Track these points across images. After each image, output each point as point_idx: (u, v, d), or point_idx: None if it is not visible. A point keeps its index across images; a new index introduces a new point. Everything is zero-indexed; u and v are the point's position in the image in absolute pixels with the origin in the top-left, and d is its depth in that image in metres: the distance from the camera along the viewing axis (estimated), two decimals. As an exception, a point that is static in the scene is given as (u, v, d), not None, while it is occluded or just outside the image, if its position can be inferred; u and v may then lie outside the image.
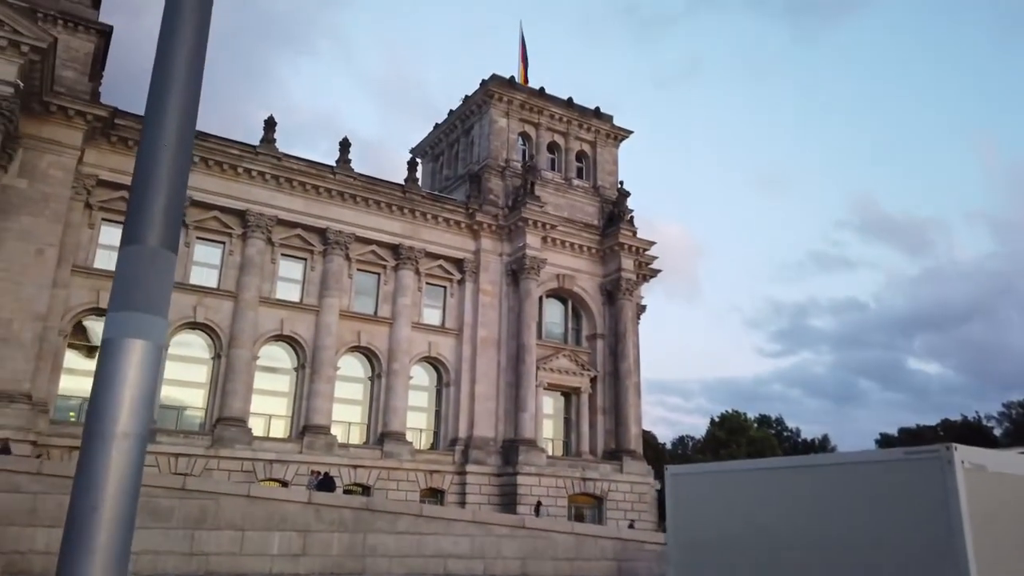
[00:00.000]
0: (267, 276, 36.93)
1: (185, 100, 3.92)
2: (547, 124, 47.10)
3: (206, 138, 35.66)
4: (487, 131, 45.62)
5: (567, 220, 44.38)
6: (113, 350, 3.33)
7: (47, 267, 30.04)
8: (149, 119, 3.92)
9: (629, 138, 49.91)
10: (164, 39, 3.98)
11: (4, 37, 27.18)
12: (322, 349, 36.79)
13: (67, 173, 31.15)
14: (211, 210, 35.83)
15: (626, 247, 44.29)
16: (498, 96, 45.78)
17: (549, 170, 46.44)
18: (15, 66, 27.67)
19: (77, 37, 32.71)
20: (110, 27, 33.85)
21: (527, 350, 40.64)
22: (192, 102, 3.97)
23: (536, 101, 46.99)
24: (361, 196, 39.22)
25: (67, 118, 31.06)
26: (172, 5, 4.01)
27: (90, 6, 33.83)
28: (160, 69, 3.94)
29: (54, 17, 31.90)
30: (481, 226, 42.23)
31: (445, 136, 51.25)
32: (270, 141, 37.45)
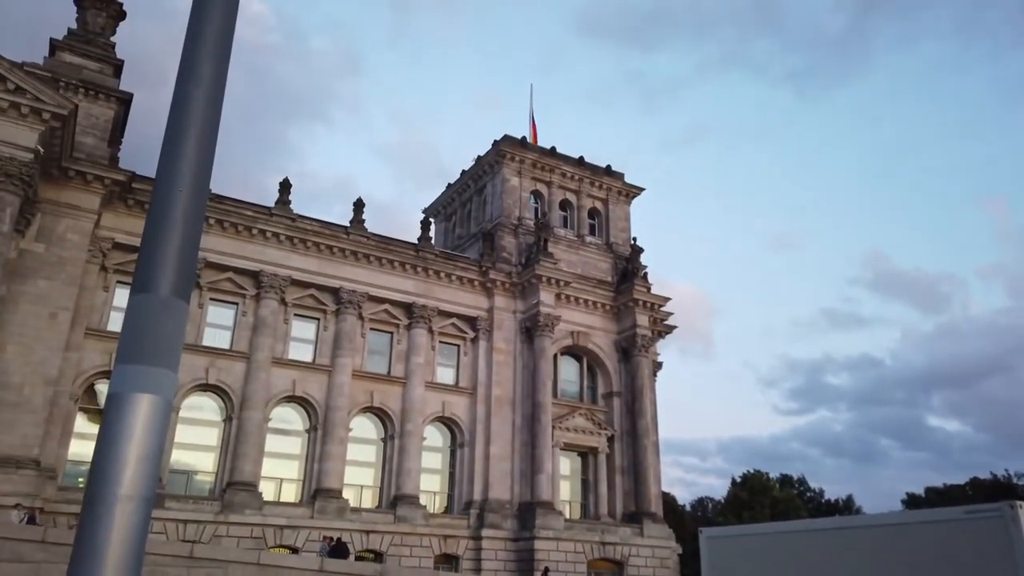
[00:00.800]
0: (280, 336, 36.74)
1: (201, 144, 3.72)
2: (559, 182, 47.42)
3: (222, 200, 36.03)
4: (500, 190, 45.94)
5: (581, 277, 44.21)
6: (119, 405, 3.06)
7: (60, 330, 29.97)
8: (164, 163, 3.71)
9: (640, 196, 50.12)
10: (181, 83, 3.82)
11: (26, 105, 27.76)
12: (334, 410, 36.30)
13: (84, 237, 31.39)
14: (225, 271, 35.92)
15: (640, 303, 43.94)
16: (510, 156, 46.25)
17: (562, 227, 46.53)
18: (36, 133, 28.18)
19: (98, 105, 33.41)
20: (130, 95, 34.61)
21: (543, 409, 39.95)
22: (209, 145, 3.78)
23: (548, 160, 47.43)
24: (375, 255, 39.28)
25: (85, 183, 31.46)
26: (189, 51, 3.87)
27: (112, 75, 34.65)
28: (176, 112, 3.76)
29: (76, 86, 32.65)
30: (495, 284, 42.10)
31: (458, 196, 51.66)
32: (285, 202, 37.77)
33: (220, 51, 3.85)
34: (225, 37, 3.89)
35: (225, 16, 3.90)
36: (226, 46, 3.90)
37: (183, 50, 3.89)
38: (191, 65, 3.79)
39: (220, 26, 3.86)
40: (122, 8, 36.06)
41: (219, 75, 3.82)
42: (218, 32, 3.85)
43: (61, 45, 33.71)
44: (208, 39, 3.82)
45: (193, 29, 3.87)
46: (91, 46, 34.28)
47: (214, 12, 3.87)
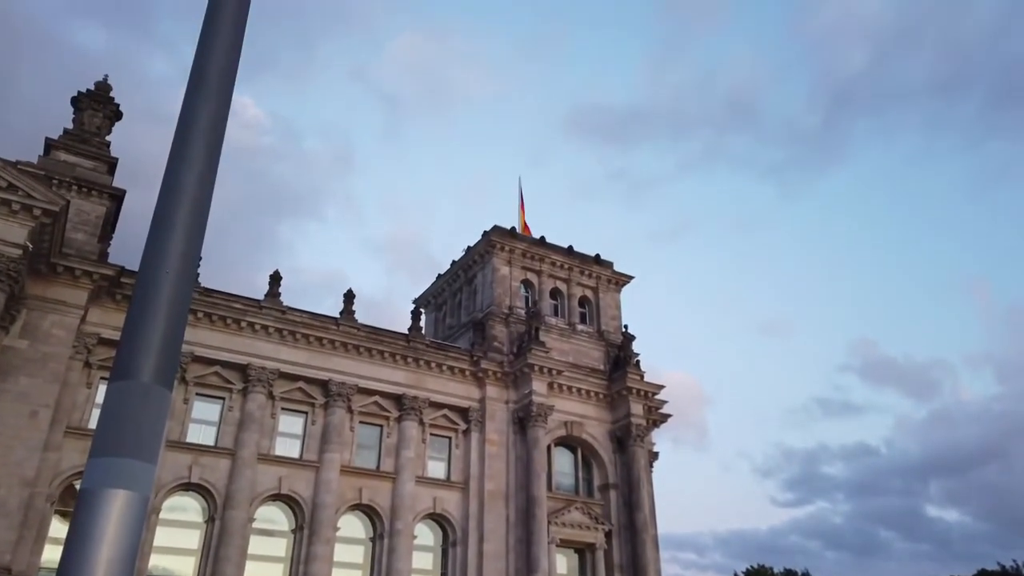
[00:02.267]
0: (267, 432, 35.85)
1: (190, 227, 3.59)
2: (549, 271, 47.72)
3: (210, 294, 35.88)
4: (490, 279, 46.12)
5: (573, 365, 43.84)
6: (91, 502, 2.81)
7: (40, 429, 29.11)
8: (151, 245, 3.56)
9: (629, 284, 50.43)
10: (171, 166, 3.72)
11: (18, 202, 27.91)
12: (321, 508, 35.02)
13: (69, 333, 30.97)
14: (212, 365, 35.37)
15: (634, 391, 43.44)
16: (500, 245, 46.68)
17: (552, 316, 46.50)
18: (26, 229, 28.22)
19: (90, 201, 33.67)
20: (122, 191, 34.95)
21: (537, 503, 38.72)
22: (198, 228, 3.64)
23: (537, 249, 47.88)
24: (364, 346, 38.90)
25: (73, 278, 31.31)
26: (181, 136, 3.79)
27: (105, 172, 35.11)
28: (166, 195, 3.64)
29: (69, 183, 33.00)
30: (486, 373, 41.61)
31: (448, 286, 51.80)
32: (275, 295, 37.66)
33: (212, 136, 3.78)
34: (218, 124, 3.82)
35: (219, 102, 3.85)
36: (219, 132, 3.83)
37: (175, 134, 3.81)
38: (182, 148, 3.71)
39: (213, 113, 3.81)
40: (118, 109, 36.92)
41: (210, 160, 3.73)
42: (211, 119, 3.78)
43: (56, 144, 34.27)
44: (200, 125, 3.76)
45: (185, 115, 3.80)
46: (86, 145, 34.86)
47: (208, 99, 3.82)
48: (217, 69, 3.92)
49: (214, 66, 3.92)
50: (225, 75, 3.90)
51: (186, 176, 3.65)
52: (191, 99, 3.79)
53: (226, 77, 3.91)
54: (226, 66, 3.95)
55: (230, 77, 3.94)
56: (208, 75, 3.84)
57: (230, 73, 3.95)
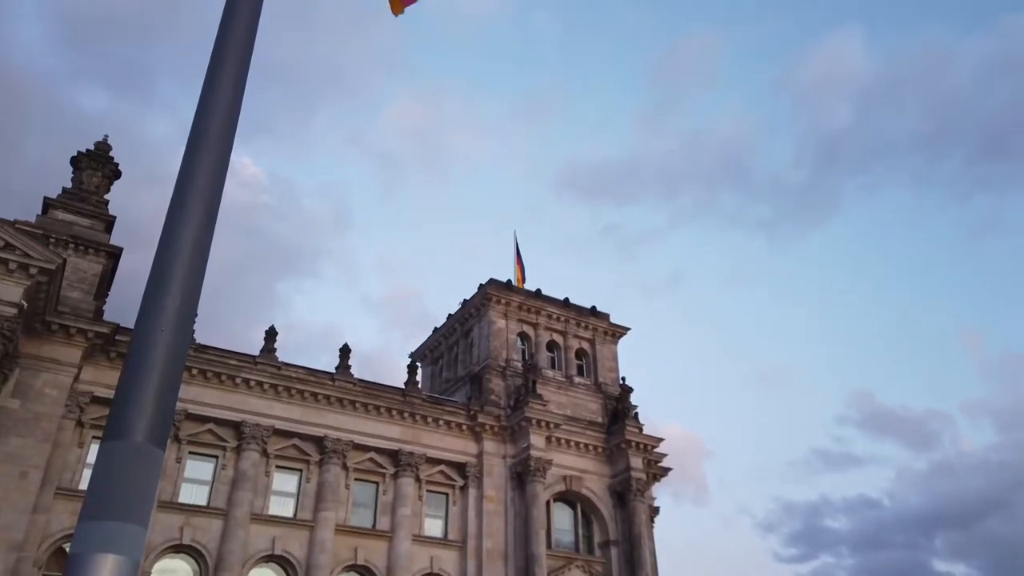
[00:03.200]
0: (260, 491, 35.21)
1: (187, 281, 3.61)
2: (545, 324, 47.69)
3: (205, 350, 35.69)
4: (486, 332, 46.05)
5: (571, 419, 43.44)
6: (81, 568, 2.77)
7: (29, 491, 28.57)
8: (147, 302, 3.57)
9: (626, 336, 50.37)
10: (169, 223, 3.76)
11: (14, 260, 27.96)
12: (316, 569, 34.17)
13: (62, 392, 30.68)
14: (206, 423, 34.96)
15: (633, 444, 42.96)
16: (496, 298, 46.75)
17: (550, 368, 46.29)
18: (22, 288, 28.20)
19: (87, 259, 33.75)
20: (119, 249, 35.04)
21: (537, 561, 37.86)
22: (194, 286, 3.66)
23: (533, 302, 47.96)
24: (360, 401, 38.56)
25: (68, 336, 31.17)
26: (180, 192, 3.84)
27: (103, 231, 35.28)
28: (163, 253, 3.67)
29: (66, 241, 33.10)
30: (483, 428, 41.18)
31: (444, 339, 51.67)
32: (270, 351, 37.48)
33: (210, 196, 3.82)
34: (216, 184, 3.87)
35: (217, 163, 3.90)
36: (216, 192, 3.87)
37: (173, 194, 3.86)
38: (180, 207, 3.74)
39: (211, 173, 3.86)
40: (117, 168, 37.33)
41: (208, 220, 3.77)
42: (209, 179, 3.83)
43: (55, 203, 34.51)
44: (198, 185, 3.80)
45: (184, 175, 3.85)
46: (84, 203, 35.10)
47: (206, 159, 3.87)
48: (216, 130, 3.98)
49: (213, 127, 3.99)
50: (223, 136, 3.97)
51: (183, 235, 3.68)
52: (190, 159, 3.85)
53: (224, 138, 3.98)
54: (225, 128, 4.02)
55: (228, 138, 4.01)
56: (207, 136, 3.90)
57: (228, 135, 4.02)
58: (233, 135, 4.08)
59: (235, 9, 4.39)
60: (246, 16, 4.40)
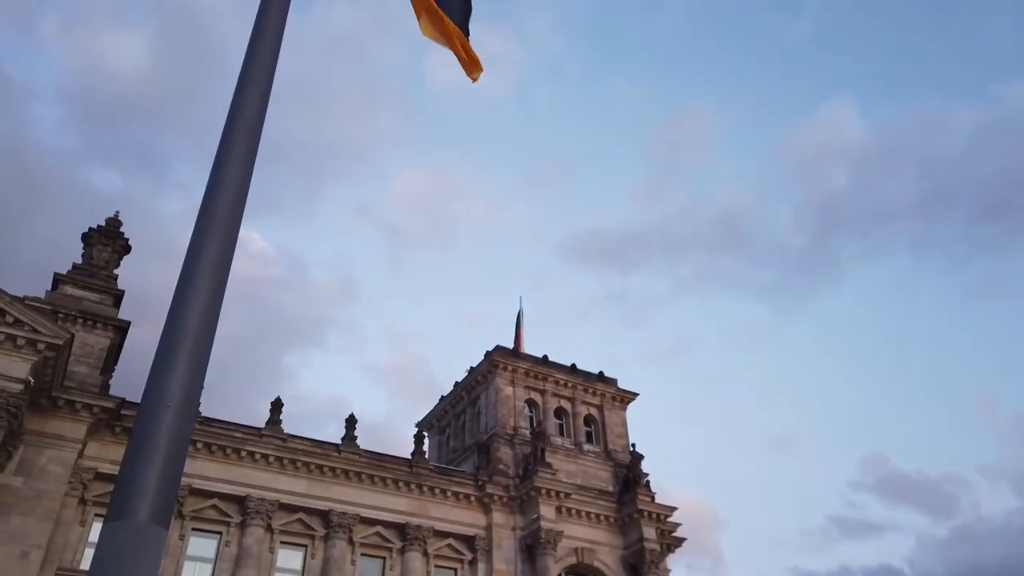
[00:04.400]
0: (264, 567, 34.33)
1: (194, 356, 3.63)
2: (552, 390, 47.32)
3: (210, 423, 35.41)
4: (493, 400, 45.65)
5: (581, 488, 42.59)
6: None
7: (30, 571, 27.89)
8: (153, 377, 3.58)
9: (634, 402, 49.88)
10: (177, 300, 3.79)
11: (23, 336, 28.07)
12: (321, 651, 33.02)
13: (66, 468, 30.32)
14: (210, 498, 34.38)
15: (645, 514, 41.96)
16: (503, 365, 46.52)
17: (558, 436, 45.68)
18: (29, 363, 28.21)
19: (94, 334, 33.85)
20: (127, 323, 35.19)
21: (549, 638, 36.53)
22: (201, 359, 3.68)
23: (540, 368, 47.69)
24: (366, 473, 37.97)
25: (73, 411, 31.01)
26: (188, 269, 3.89)
27: (111, 305, 35.48)
28: (171, 323, 3.70)
29: (74, 316, 33.27)
30: (492, 499, 40.35)
31: (451, 408, 51.21)
32: (276, 423, 37.16)
33: (217, 272, 3.86)
34: (224, 260, 3.92)
35: (225, 239, 3.96)
36: (224, 267, 3.92)
37: (181, 269, 3.91)
38: (188, 283, 3.79)
39: (219, 249, 3.91)
40: (127, 243, 37.81)
41: (215, 295, 3.81)
42: (217, 255, 3.89)
43: (64, 279, 34.86)
44: (207, 261, 3.85)
45: (192, 251, 3.91)
46: (93, 278, 35.43)
47: (214, 236, 3.94)
48: (224, 208, 4.06)
49: (221, 205, 4.07)
50: (232, 214, 4.05)
51: (191, 311, 3.71)
52: (198, 237, 3.92)
53: (233, 216, 4.06)
54: (233, 205, 4.10)
55: (237, 216, 4.09)
56: (215, 214, 3.98)
57: (237, 212, 4.10)
58: (241, 213, 4.16)
59: (246, 90, 4.54)
60: (256, 97, 4.54)
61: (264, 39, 4.79)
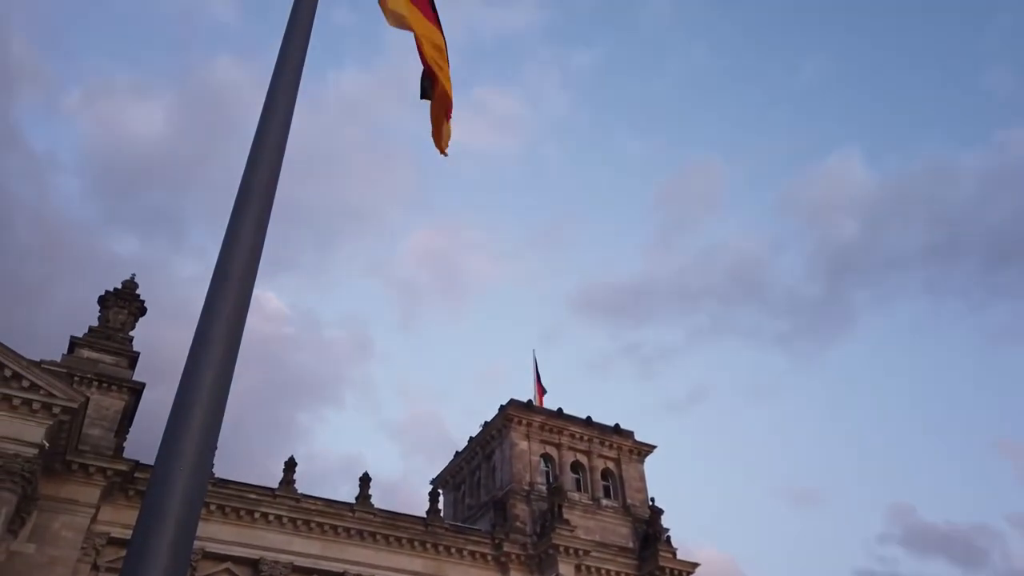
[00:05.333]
0: (278, 634, 33.52)
1: (207, 418, 3.63)
2: (568, 444, 46.72)
3: (224, 484, 35.09)
4: (508, 455, 45.09)
5: (600, 544, 41.62)
6: None
7: (40, 641, 27.41)
8: (167, 440, 3.58)
9: (652, 454, 49.11)
10: (190, 363, 3.81)
11: (38, 400, 28.13)
12: None
13: (78, 534, 30.02)
14: (223, 561, 33.84)
15: (667, 571, 40.89)
16: (517, 419, 46.08)
17: (575, 491, 44.90)
18: (44, 428, 28.19)
19: (109, 396, 33.89)
20: (142, 384, 35.25)
21: None
22: (215, 421, 3.68)
23: (555, 422, 47.18)
24: (381, 533, 37.32)
25: (87, 475, 30.86)
26: (202, 330, 3.91)
27: (127, 367, 35.61)
28: (185, 387, 3.71)
29: (90, 379, 33.40)
30: (509, 557, 39.47)
31: (466, 464, 50.58)
32: (289, 483, 36.78)
33: (231, 334, 3.88)
34: (238, 321, 3.94)
35: (239, 300, 4.00)
36: (238, 329, 3.94)
37: (196, 331, 3.93)
38: (202, 345, 3.80)
39: (233, 310, 3.94)
40: (143, 305, 38.14)
41: (229, 357, 3.81)
42: (231, 316, 3.91)
43: (80, 342, 35.11)
44: (221, 323, 3.87)
45: (207, 313, 3.94)
46: (109, 341, 35.65)
47: (228, 297, 3.97)
48: (238, 270, 4.10)
49: (235, 267, 4.11)
50: (246, 276, 4.09)
51: (205, 371, 3.72)
52: (212, 299, 3.95)
53: (247, 278, 4.09)
54: (247, 267, 4.14)
55: (250, 277, 4.13)
56: (229, 276, 4.02)
57: (250, 274, 4.14)
58: (255, 273, 4.19)
59: (259, 154, 4.64)
60: (270, 160, 4.64)
61: (277, 105, 4.92)
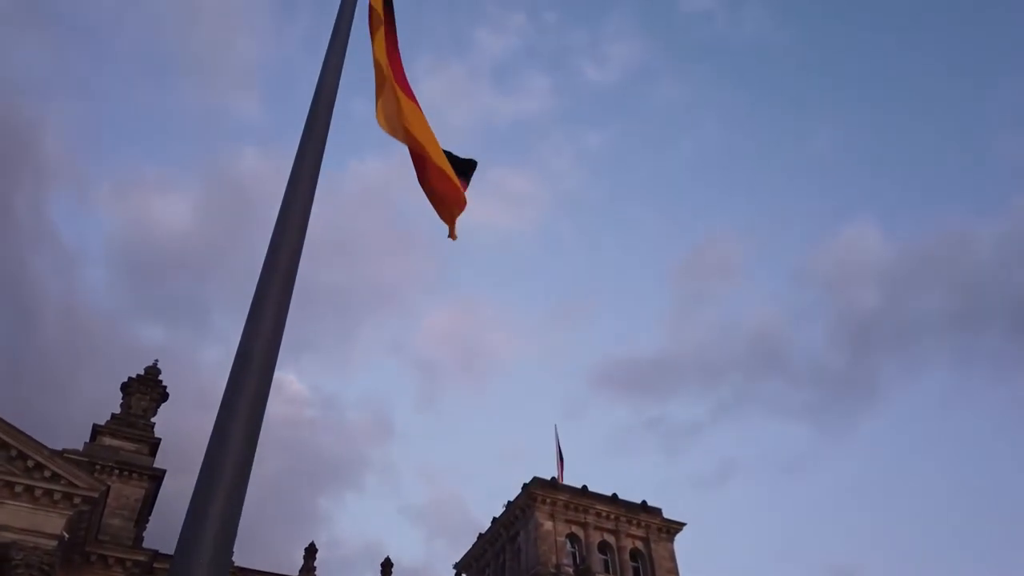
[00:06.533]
0: None
1: (227, 508, 3.59)
2: (595, 523, 45.43)
3: (243, 573, 34.31)
4: (533, 536, 43.86)
5: (631, 629, 39.94)
6: None
7: None
8: (186, 531, 3.54)
9: (682, 532, 47.58)
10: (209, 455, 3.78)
11: (60, 491, 27.95)
12: None
13: (95, 628, 29.31)
14: (242, 656, 32.77)
15: (703, 656, 38.99)
16: (541, 498, 45.01)
17: (603, 572, 43.40)
18: (64, 518, 27.94)
19: (130, 484, 33.70)
20: (163, 472, 35.05)
21: None
22: (234, 510, 3.63)
23: (580, 500, 46.01)
24: (404, 623, 36.10)
25: (106, 566, 30.39)
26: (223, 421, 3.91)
27: (147, 454, 35.51)
28: (205, 476, 3.68)
29: (111, 468, 33.31)
30: (537, 646, 37.90)
31: (490, 546, 49.21)
32: (310, 570, 35.94)
33: (251, 420, 3.86)
34: (258, 407, 3.93)
35: (259, 386, 4.00)
36: (258, 414, 3.93)
37: (216, 419, 3.93)
38: (223, 433, 3.79)
39: (254, 396, 3.94)
40: (165, 391, 38.32)
41: (249, 445, 3.79)
42: (251, 402, 3.91)
43: (103, 430, 35.19)
44: (241, 409, 3.86)
45: (228, 399, 3.94)
46: (131, 428, 35.73)
47: (249, 382, 3.98)
48: (260, 353, 4.12)
49: (257, 350, 4.13)
50: (266, 358, 4.10)
51: (225, 459, 3.69)
52: (233, 386, 3.95)
53: (267, 360, 4.11)
54: (268, 349, 4.16)
55: (271, 360, 4.14)
56: (250, 362, 4.04)
57: (271, 356, 4.16)
58: (275, 357, 4.21)
59: (281, 240, 4.73)
60: (291, 246, 4.72)
61: (298, 192, 5.05)
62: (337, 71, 6.11)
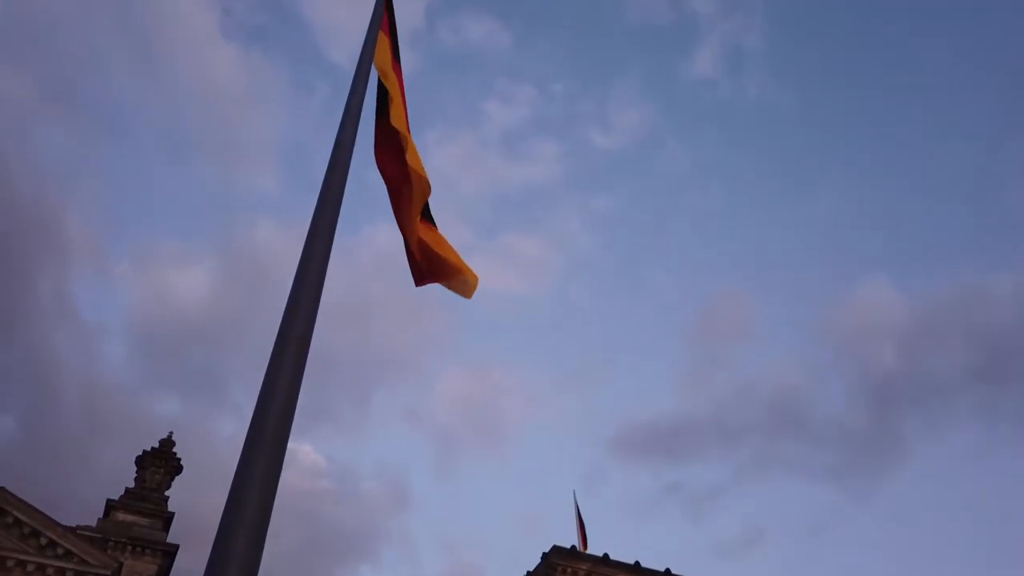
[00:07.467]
0: None
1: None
2: (617, 594, 43.96)
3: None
4: (555, 609, 42.43)
5: None
6: None
7: None
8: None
9: (708, 598, 45.95)
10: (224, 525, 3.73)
11: (71, 569, 27.61)
12: None
13: None
14: None
15: None
16: (561, 568, 43.56)
17: (629, 646, 41.72)
18: (75, 598, 27.49)
19: (143, 560, 33.15)
20: (176, 547, 34.47)
21: None
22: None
23: (602, 568, 44.49)
24: None
25: (116, 648, 29.61)
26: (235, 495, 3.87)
27: (161, 528, 35.02)
28: (217, 555, 3.62)
29: (124, 544, 32.87)
30: None
31: (510, 621, 47.63)
32: (325, 649, 34.82)
33: (264, 494, 3.80)
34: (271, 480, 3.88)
35: (272, 458, 3.96)
36: (271, 488, 3.87)
37: (228, 496, 3.86)
38: (235, 508, 3.73)
39: (267, 470, 3.89)
40: (180, 463, 38.03)
41: (262, 519, 3.73)
42: (264, 476, 3.86)
43: (116, 505, 34.87)
44: (254, 482, 3.81)
45: (240, 474, 3.89)
46: (144, 502, 35.37)
47: (262, 455, 3.93)
48: (273, 423, 4.10)
49: (271, 420, 4.11)
50: (280, 430, 4.08)
51: (238, 534, 3.63)
52: (246, 459, 3.90)
53: (281, 431, 4.08)
54: (281, 420, 4.13)
55: (285, 431, 4.11)
56: (263, 435, 4.00)
57: (285, 427, 4.13)
58: (289, 428, 4.17)
59: (295, 308, 4.76)
60: (305, 314, 4.75)
61: (312, 262, 5.10)
62: (349, 146, 6.30)
